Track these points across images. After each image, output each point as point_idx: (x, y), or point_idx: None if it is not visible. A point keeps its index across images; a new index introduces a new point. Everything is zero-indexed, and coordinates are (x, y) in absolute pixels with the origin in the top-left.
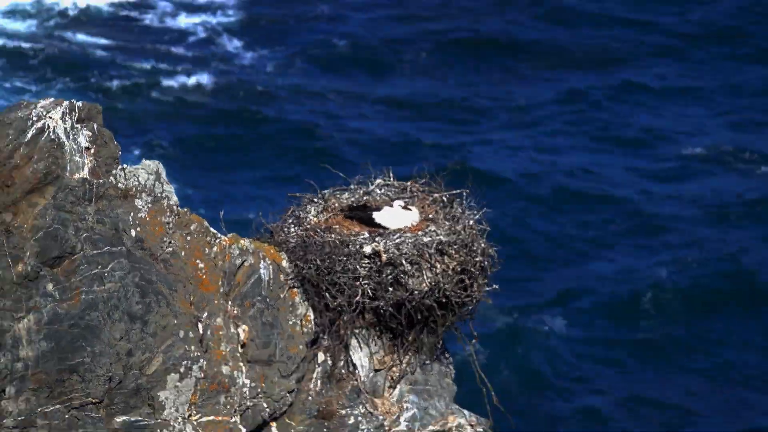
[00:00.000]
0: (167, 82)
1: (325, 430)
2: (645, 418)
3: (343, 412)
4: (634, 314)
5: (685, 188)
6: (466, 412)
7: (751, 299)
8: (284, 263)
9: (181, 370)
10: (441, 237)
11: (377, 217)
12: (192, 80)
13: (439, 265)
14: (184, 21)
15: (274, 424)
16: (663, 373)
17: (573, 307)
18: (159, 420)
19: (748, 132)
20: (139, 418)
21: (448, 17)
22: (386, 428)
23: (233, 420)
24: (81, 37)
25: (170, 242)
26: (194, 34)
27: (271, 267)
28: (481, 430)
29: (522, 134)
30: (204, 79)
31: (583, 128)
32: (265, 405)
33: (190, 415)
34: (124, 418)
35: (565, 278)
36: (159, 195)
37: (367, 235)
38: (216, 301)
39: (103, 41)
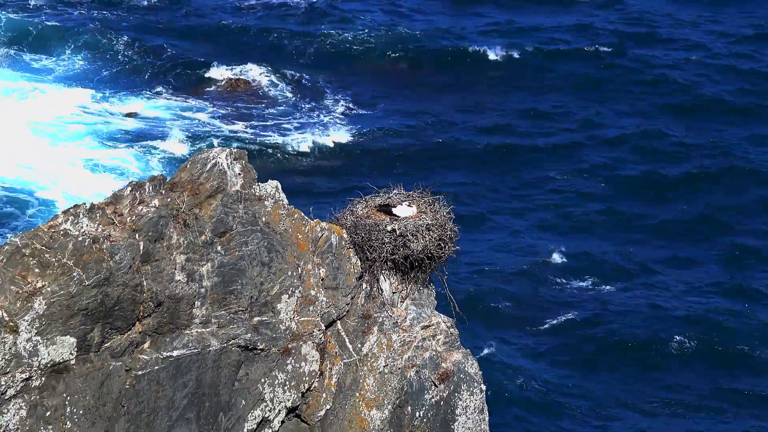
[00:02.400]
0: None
1: (366, 324)
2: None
3: (375, 315)
4: None
5: None
6: (441, 315)
7: None
8: (344, 235)
9: (288, 292)
10: (428, 221)
11: (394, 210)
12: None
13: (427, 236)
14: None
15: (338, 322)
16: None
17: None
18: (277, 319)
19: None
20: (266, 319)
21: None
22: (399, 324)
23: (316, 320)
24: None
25: (283, 224)
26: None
27: (338, 237)
28: (449, 324)
29: None
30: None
31: None
32: (333, 311)
33: (293, 317)
34: (258, 318)
35: None
36: (277, 198)
37: (388, 220)
38: (308, 256)
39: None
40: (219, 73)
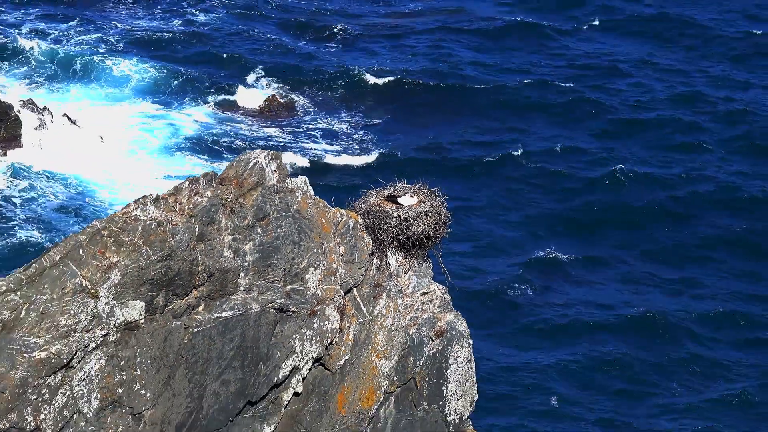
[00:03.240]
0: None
1: (376, 291)
2: None
3: (384, 283)
4: None
5: None
6: (437, 284)
7: None
8: (359, 219)
9: (314, 265)
10: (426, 208)
11: (399, 200)
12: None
13: (425, 220)
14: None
15: (354, 289)
16: None
17: None
18: (306, 287)
19: None
20: (296, 286)
21: None
22: (403, 291)
23: (337, 287)
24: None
25: (310, 211)
26: None
27: (354, 221)
28: (443, 291)
29: None
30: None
31: None
32: (350, 281)
33: (318, 285)
34: (291, 286)
35: None
36: (305, 191)
37: (394, 208)
38: (330, 236)
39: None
40: (258, 92)
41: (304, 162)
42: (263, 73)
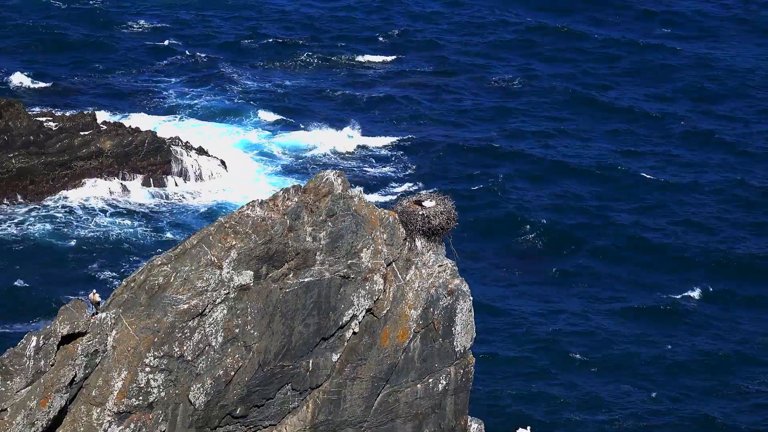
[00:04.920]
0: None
1: (408, 264)
2: None
3: (413, 259)
4: None
5: None
6: (448, 259)
7: None
8: (396, 216)
9: (367, 247)
10: (441, 209)
11: (423, 203)
12: None
13: (441, 217)
14: None
15: (393, 263)
16: None
17: None
18: (361, 261)
19: None
20: (355, 261)
21: None
22: (425, 264)
23: (382, 262)
24: None
25: (364, 211)
26: None
27: (393, 217)
28: (452, 264)
29: None
30: None
31: None
32: (390, 257)
33: (369, 260)
34: (350, 261)
35: None
36: (361, 197)
37: (420, 208)
38: (377, 228)
39: None
40: (333, 132)
41: (358, 177)
42: (337, 118)
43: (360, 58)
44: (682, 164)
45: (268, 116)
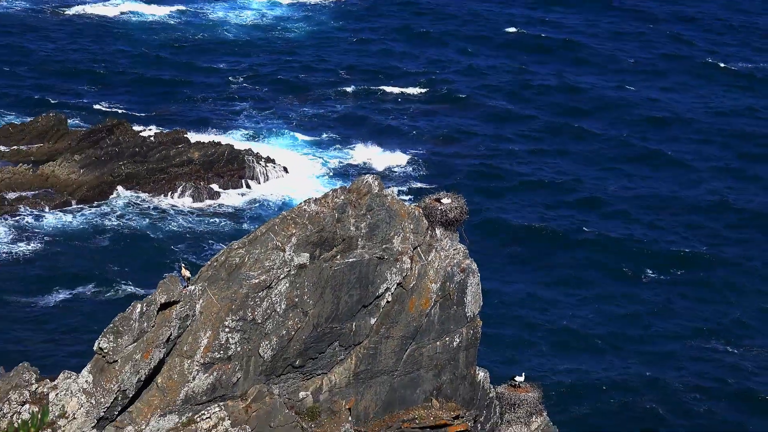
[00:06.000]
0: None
1: (429, 247)
2: None
3: (434, 244)
4: None
5: None
6: (461, 245)
7: None
8: (421, 211)
9: (397, 235)
10: (455, 204)
11: (441, 200)
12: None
13: (455, 211)
14: None
15: (419, 247)
16: None
17: None
18: (392, 246)
19: None
20: (388, 245)
21: None
22: (443, 248)
23: (409, 246)
24: None
25: (395, 206)
26: None
27: (418, 211)
28: (464, 248)
29: None
30: None
31: None
32: (416, 242)
33: (399, 245)
34: (385, 245)
35: None
36: (393, 195)
37: (439, 204)
38: (406, 219)
39: None
40: (367, 147)
41: (391, 180)
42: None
43: (395, 90)
44: None
45: (321, 134)
